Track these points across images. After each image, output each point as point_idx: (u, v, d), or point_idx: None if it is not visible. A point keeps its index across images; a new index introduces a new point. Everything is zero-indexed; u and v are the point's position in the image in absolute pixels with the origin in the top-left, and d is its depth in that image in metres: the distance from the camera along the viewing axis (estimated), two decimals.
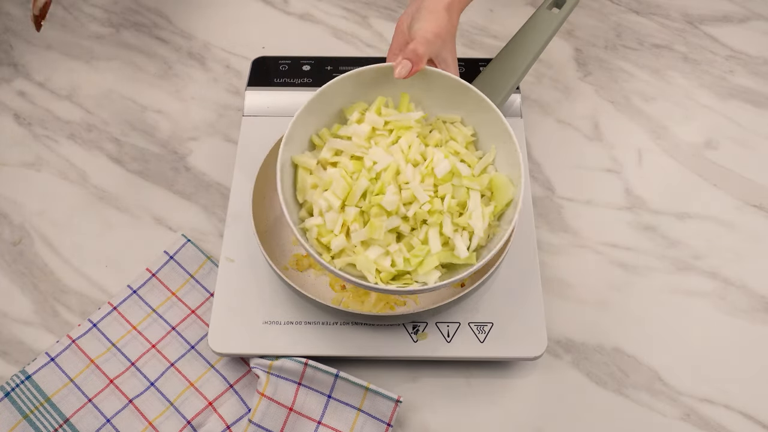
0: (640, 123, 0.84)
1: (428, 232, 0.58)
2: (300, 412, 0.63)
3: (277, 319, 0.66)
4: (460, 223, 0.58)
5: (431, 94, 0.63)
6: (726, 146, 0.82)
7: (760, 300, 0.71)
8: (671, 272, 0.73)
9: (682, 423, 0.65)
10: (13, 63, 0.90)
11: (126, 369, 0.67)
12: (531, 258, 0.69)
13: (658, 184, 0.79)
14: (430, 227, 0.58)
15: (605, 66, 0.89)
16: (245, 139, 0.77)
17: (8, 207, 0.78)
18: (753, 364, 0.68)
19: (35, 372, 0.66)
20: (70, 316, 0.71)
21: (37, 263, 0.74)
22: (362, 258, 0.57)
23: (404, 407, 0.65)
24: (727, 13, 0.95)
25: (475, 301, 0.66)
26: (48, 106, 0.86)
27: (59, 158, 0.82)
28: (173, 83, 0.88)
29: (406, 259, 0.57)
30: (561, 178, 0.79)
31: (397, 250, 0.57)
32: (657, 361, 0.68)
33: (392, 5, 0.96)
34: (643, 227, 0.76)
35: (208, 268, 0.72)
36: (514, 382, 0.67)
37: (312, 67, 0.82)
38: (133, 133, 0.84)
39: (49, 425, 0.64)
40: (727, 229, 0.76)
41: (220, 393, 0.66)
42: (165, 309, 0.70)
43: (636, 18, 0.95)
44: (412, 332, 0.65)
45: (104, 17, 0.95)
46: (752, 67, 0.89)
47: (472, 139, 0.63)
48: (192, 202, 0.78)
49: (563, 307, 0.71)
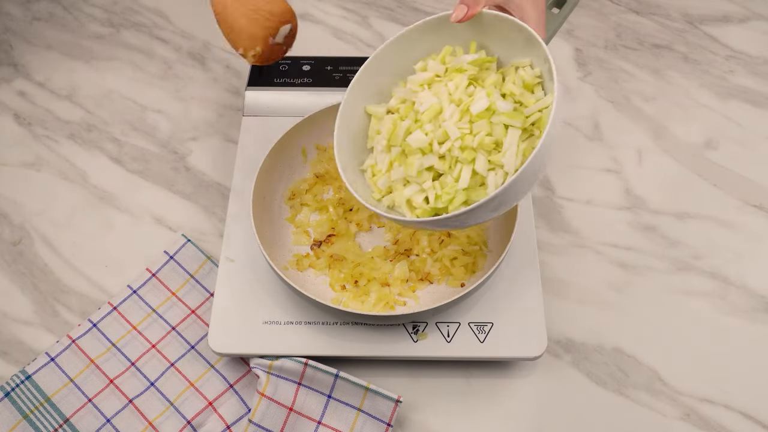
0: (640, 123, 0.84)
1: (462, 169, 0.58)
2: (300, 412, 0.63)
3: (277, 319, 0.66)
4: (494, 161, 0.57)
5: (491, 38, 0.61)
6: (726, 146, 0.82)
7: (760, 300, 0.71)
8: (671, 272, 0.73)
9: (682, 423, 0.65)
10: (13, 63, 0.90)
11: (126, 369, 0.67)
12: (531, 258, 0.69)
13: (658, 184, 0.79)
14: (463, 164, 0.57)
15: (605, 66, 0.89)
16: (245, 139, 0.77)
17: (8, 207, 0.78)
18: (753, 364, 0.68)
19: (35, 372, 0.66)
20: (70, 316, 0.71)
21: (37, 263, 0.74)
22: (399, 195, 0.59)
23: (404, 407, 0.65)
24: (727, 13, 0.95)
25: (475, 301, 0.66)
26: (48, 106, 0.86)
27: (59, 158, 0.82)
28: (173, 83, 0.88)
29: (438, 195, 0.57)
30: (561, 178, 0.79)
31: (430, 187, 0.58)
32: (657, 361, 0.68)
33: (392, 5, 0.96)
34: (643, 227, 0.76)
35: (208, 268, 0.72)
36: (514, 382, 0.67)
37: (312, 67, 0.82)
38: (133, 133, 0.84)
39: (49, 425, 0.64)
40: (727, 229, 0.76)
41: (220, 393, 0.66)
42: (165, 309, 0.70)
43: (636, 18, 0.95)
44: (412, 332, 0.65)
45: (104, 17, 0.95)
46: (752, 67, 0.89)
47: (539, 80, 0.60)
48: (192, 202, 0.78)
49: (563, 307, 0.71)
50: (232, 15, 0.65)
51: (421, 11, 0.94)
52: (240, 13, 0.65)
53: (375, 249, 0.70)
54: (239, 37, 0.66)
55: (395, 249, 0.70)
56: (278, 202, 0.73)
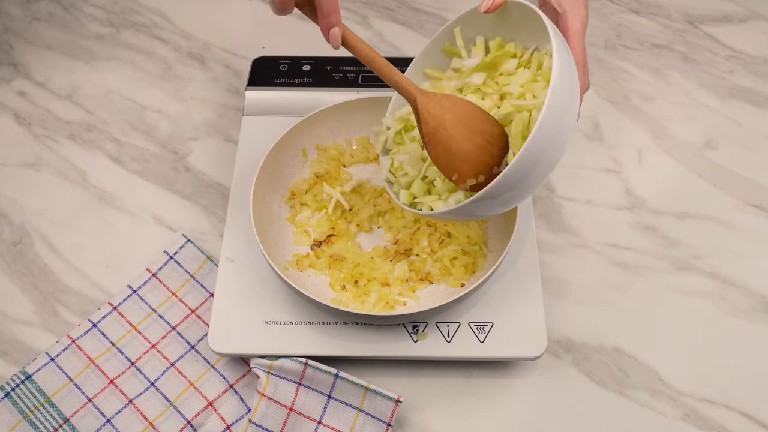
0: (640, 123, 0.84)
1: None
2: (300, 412, 0.63)
3: (277, 319, 0.66)
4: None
5: (516, 27, 0.58)
6: (726, 146, 0.82)
7: (760, 300, 0.71)
8: (671, 272, 0.73)
9: (682, 423, 0.65)
10: (13, 63, 0.90)
11: (126, 369, 0.67)
12: (531, 258, 0.69)
13: (658, 184, 0.79)
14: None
15: (605, 66, 0.89)
16: (245, 139, 0.77)
17: (8, 207, 0.78)
18: (753, 364, 0.68)
19: (35, 372, 0.66)
20: (70, 316, 0.71)
21: (37, 263, 0.74)
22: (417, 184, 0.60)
23: (404, 407, 0.65)
24: (727, 13, 0.95)
25: (475, 301, 0.66)
26: (48, 106, 0.86)
27: (59, 158, 0.82)
28: (173, 83, 0.88)
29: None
30: (561, 178, 0.79)
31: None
32: (657, 361, 0.68)
33: (392, 5, 0.96)
34: (643, 227, 0.76)
35: (208, 268, 0.72)
36: (514, 382, 0.67)
37: (312, 67, 0.82)
38: (133, 133, 0.84)
39: (49, 425, 0.64)
40: (727, 229, 0.76)
41: (220, 393, 0.66)
42: (165, 309, 0.70)
43: (636, 18, 0.95)
44: (412, 332, 0.65)
45: (104, 17, 0.95)
46: (752, 67, 0.89)
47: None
48: (192, 202, 0.78)
49: (563, 307, 0.71)
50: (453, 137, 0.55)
51: (421, 11, 0.94)
52: (461, 136, 0.54)
53: (375, 249, 0.70)
54: (458, 161, 0.55)
55: (395, 249, 0.70)
56: (278, 202, 0.73)
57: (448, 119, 0.54)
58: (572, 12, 0.56)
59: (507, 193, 0.52)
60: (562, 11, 0.57)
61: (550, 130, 0.49)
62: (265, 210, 0.70)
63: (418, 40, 0.91)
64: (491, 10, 0.56)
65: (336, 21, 0.51)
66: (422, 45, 0.63)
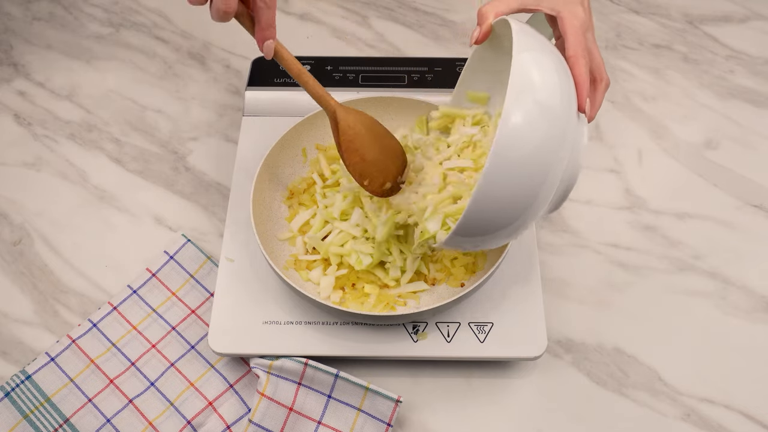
0: (640, 123, 0.84)
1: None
2: (300, 412, 0.63)
3: (277, 319, 0.66)
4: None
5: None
6: (726, 146, 0.82)
7: (760, 300, 0.71)
8: (671, 272, 0.73)
9: (682, 423, 0.65)
10: (13, 63, 0.90)
11: (126, 369, 0.67)
12: (531, 258, 0.69)
13: (658, 184, 0.79)
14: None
15: (605, 66, 0.89)
16: (245, 139, 0.77)
17: (8, 207, 0.78)
18: (753, 363, 0.68)
19: (35, 372, 0.66)
20: (70, 316, 0.71)
21: (37, 263, 0.74)
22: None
23: (404, 407, 0.65)
24: (727, 13, 0.95)
25: (475, 301, 0.66)
26: (48, 106, 0.86)
27: (59, 158, 0.82)
28: (173, 83, 0.88)
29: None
30: None
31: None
32: (657, 361, 0.68)
33: (392, 5, 0.96)
34: (643, 227, 0.76)
35: (208, 268, 0.72)
36: (514, 382, 0.67)
37: (312, 67, 0.82)
38: (133, 133, 0.84)
39: (49, 425, 0.64)
40: (727, 229, 0.76)
41: (220, 393, 0.66)
42: (165, 309, 0.70)
43: (636, 18, 0.95)
44: (412, 332, 0.65)
45: (104, 17, 0.95)
46: (752, 67, 0.89)
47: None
48: (192, 202, 0.78)
49: (563, 307, 0.71)
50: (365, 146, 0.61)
51: (421, 11, 0.94)
52: (373, 146, 0.62)
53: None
54: (370, 168, 0.62)
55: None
56: (278, 202, 0.73)
57: (362, 130, 0.61)
58: (566, 11, 0.57)
59: (478, 237, 0.52)
60: (556, 13, 0.57)
61: (494, 186, 0.48)
62: (265, 210, 0.70)
63: (418, 40, 0.91)
64: (480, 41, 0.58)
65: (271, 35, 0.54)
66: (422, 45, 0.63)
